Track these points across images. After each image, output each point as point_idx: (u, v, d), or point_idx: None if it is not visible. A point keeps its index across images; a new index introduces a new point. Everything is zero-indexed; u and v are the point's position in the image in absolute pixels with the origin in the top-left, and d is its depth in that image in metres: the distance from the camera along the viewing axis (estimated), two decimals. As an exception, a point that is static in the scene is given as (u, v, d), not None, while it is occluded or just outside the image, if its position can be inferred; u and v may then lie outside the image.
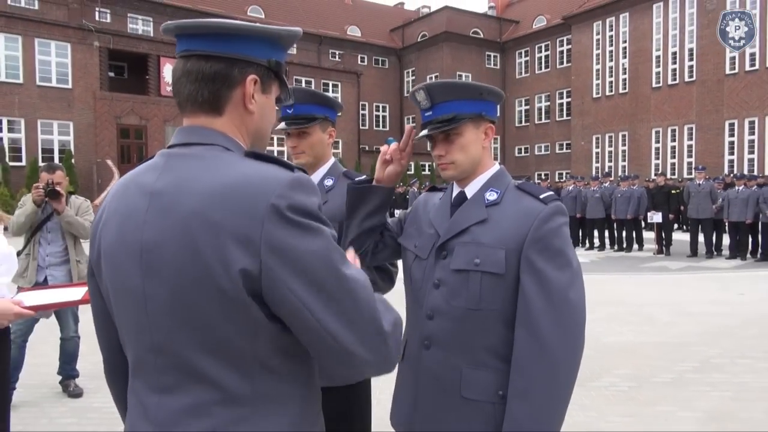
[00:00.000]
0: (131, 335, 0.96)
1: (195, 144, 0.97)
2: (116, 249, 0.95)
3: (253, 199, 0.86)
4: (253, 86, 0.99)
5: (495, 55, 37.78)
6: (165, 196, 0.91)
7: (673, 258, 11.89)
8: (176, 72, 0.99)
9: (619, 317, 6.47)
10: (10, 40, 22.43)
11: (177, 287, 0.88)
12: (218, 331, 0.88)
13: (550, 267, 1.36)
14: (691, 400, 3.95)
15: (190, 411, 0.90)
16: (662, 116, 27.83)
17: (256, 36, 0.98)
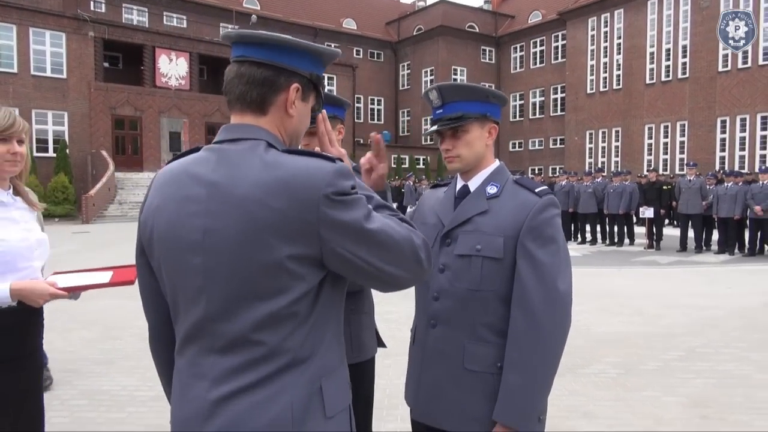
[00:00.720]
0: (188, 306, 1.11)
1: (242, 139, 1.11)
2: (175, 231, 1.10)
3: (309, 189, 1.04)
4: (295, 93, 1.16)
5: (490, 49, 37.91)
6: (223, 186, 1.06)
7: (663, 252, 12.11)
8: (230, 74, 1.15)
9: (610, 309, 6.66)
10: (5, 29, 22.34)
11: (237, 264, 1.04)
12: (267, 300, 1.05)
13: (543, 252, 1.53)
14: (676, 386, 4.14)
15: (240, 368, 1.07)
16: (655, 112, 28.10)
17: (302, 50, 1.15)
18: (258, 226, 1.03)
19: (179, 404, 1.14)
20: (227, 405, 1.06)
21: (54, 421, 3.44)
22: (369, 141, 1.57)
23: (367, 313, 2.13)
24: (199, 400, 1.09)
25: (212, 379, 1.08)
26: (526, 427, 1.51)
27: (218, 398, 1.07)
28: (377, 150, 1.57)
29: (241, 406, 1.06)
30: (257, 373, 1.07)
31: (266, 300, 1.05)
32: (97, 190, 20.62)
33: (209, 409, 1.07)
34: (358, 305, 2.08)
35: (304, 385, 1.09)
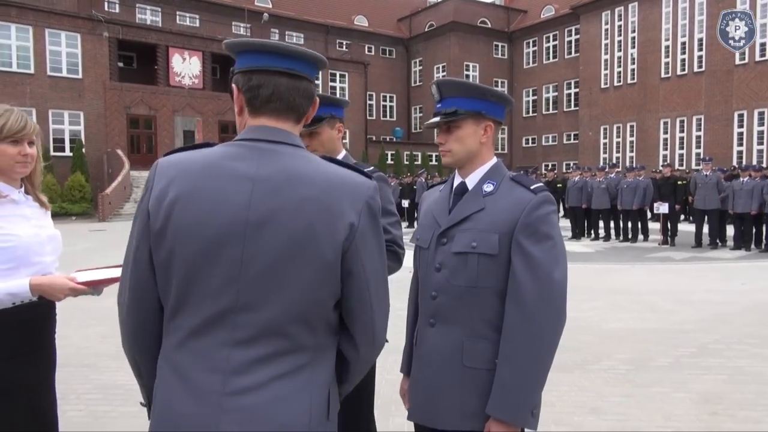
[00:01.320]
0: (205, 298, 1.11)
1: (282, 143, 1.19)
2: (207, 222, 1.10)
3: (356, 195, 1.17)
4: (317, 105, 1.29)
5: (503, 45, 37.69)
6: (272, 182, 1.12)
7: (678, 249, 11.99)
8: (280, 84, 1.21)
9: (621, 305, 6.63)
10: (22, 31, 22.66)
11: (283, 256, 1.10)
12: (306, 293, 1.12)
13: (537, 249, 1.55)
14: (686, 382, 4.12)
15: (261, 360, 1.10)
16: (671, 107, 27.77)
17: (318, 62, 1.26)
18: (312, 222, 1.11)
19: (181, 400, 1.11)
20: (246, 397, 1.08)
21: (69, 414, 3.52)
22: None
23: None
24: (211, 395, 1.09)
25: (229, 372, 1.09)
26: (519, 422, 1.53)
27: (236, 390, 1.08)
28: None
29: (261, 398, 1.08)
30: (280, 366, 1.11)
31: (301, 292, 1.11)
32: (113, 189, 20.88)
33: (225, 402, 1.08)
34: None
35: (321, 385, 1.15)
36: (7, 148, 1.85)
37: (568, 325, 1.61)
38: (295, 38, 34.10)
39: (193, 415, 1.10)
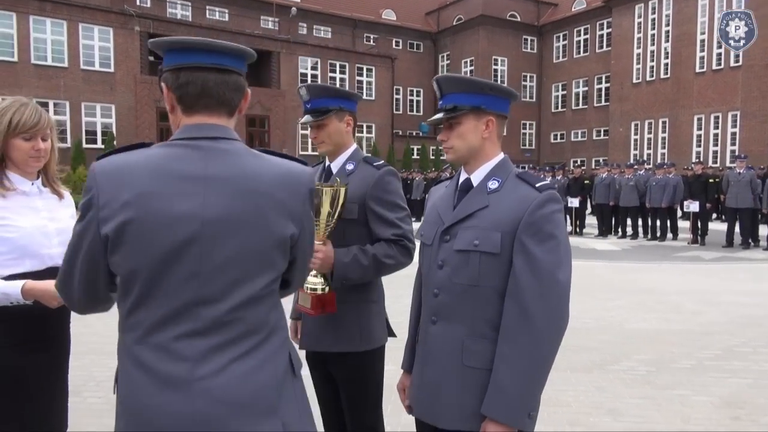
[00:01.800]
0: (167, 295, 1.16)
1: (222, 138, 1.23)
2: (166, 226, 1.14)
3: (299, 185, 1.27)
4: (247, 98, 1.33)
5: (532, 38, 37.15)
6: (223, 180, 1.18)
7: (708, 248, 11.69)
8: (209, 80, 1.23)
9: (645, 305, 6.49)
10: (56, 25, 23.22)
11: (239, 250, 1.18)
12: (261, 281, 1.21)
13: (540, 249, 1.51)
14: (709, 385, 4.01)
15: (223, 345, 1.17)
16: (705, 102, 27.01)
17: (248, 56, 1.30)
18: (265, 212, 1.20)
19: (150, 392, 1.15)
20: (215, 380, 1.15)
21: (90, 400, 3.60)
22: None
23: (376, 301, 2.15)
24: (180, 383, 1.14)
25: (194, 360, 1.15)
26: (515, 424, 1.50)
27: (204, 375, 1.15)
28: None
29: (228, 377, 1.16)
30: (240, 348, 1.19)
31: (255, 280, 1.20)
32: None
33: (196, 386, 1.14)
34: (366, 293, 2.10)
35: (281, 352, 1.26)
36: (21, 143, 1.89)
37: (590, 324, 1.58)
38: (323, 32, 34.19)
39: (164, 404, 1.14)
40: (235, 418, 1.16)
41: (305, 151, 29.18)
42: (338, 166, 2.14)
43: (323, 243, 1.95)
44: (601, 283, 7.71)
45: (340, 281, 1.97)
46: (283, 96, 28.54)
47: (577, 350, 4.72)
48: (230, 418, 1.16)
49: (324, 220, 1.92)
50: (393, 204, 2.06)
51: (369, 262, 1.98)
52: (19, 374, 1.83)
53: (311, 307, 1.97)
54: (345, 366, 2.09)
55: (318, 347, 2.12)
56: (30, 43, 22.66)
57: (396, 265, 2.04)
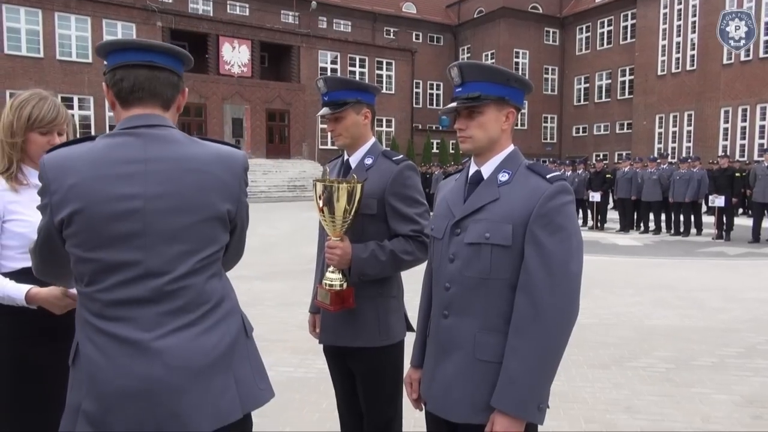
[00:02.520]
0: (120, 270, 1.28)
1: (159, 126, 1.36)
2: (108, 205, 1.27)
3: (236, 165, 1.41)
4: (184, 96, 1.48)
5: (554, 31, 36.65)
6: (161, 160, 1.31)
7: (733, 244, 11.43)
8: (141, 75, 1.36)
9: (666, 301, 6.38)
10: (81, 21, 23.61)
11: (181, 223, 1.30)
12: (203, 252, 1.34)
13: (551, 241, 1.49)
14: (730, 384, 3.92)
15: (176, 311, 1.31)
16: (733, 95, 26.38)
17: (183, 58, 1.44)
18: (205, 188, 1.33)
19: (113, 354, 1.28)
20: (166, 341, 1.29)
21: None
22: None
23: (395, 296, 2.14)
24: (139, 346, 1.28)
25: (150, 326, 1.29)
26: (525, 416, 1.48)
27: (160, 336, 1.29)
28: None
29: (179, 340, 1.30)
30: (190, 315, 1.33)
31: (199, 252, 1.33)
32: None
33: (154, 347, 1.28)
34: (385, 288, 2.09)
35: (231, 317, 1.41)
36: (37, 137, 1.91)
37: (609, 320, 1.56)
38: (342, 26, 34.16)
39: (123, 366, 1.27)
40: (189, 378, 1.29)
41: (325, 146, 29.26)
42: (357, 160, 2.13)
43: (341, 239, 1.95)
44: (621, 278, 7.60)
45: (357, 277, 1.97)
46: (303, 90, 28.63)
47: (594, 346, 4.66)
48: (183, 377, 1.29)
49: (340, 217, 1.91)
50: (412, 199, 2.05)
51: (386, 257, 1.98)
52: (31, 364, 1.86)
53: (330, 303, 1.97)
54: (364, 360, 2.09)
55: (337, 342, 2.12)
56: (55, 39, 23.10)
57: (414, 260, 2.04)
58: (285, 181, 25.81)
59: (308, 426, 3.25)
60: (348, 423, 2.28)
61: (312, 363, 4.17)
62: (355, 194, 1.89)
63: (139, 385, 1.27)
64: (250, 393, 1.40)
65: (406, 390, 1.88)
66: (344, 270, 1.98)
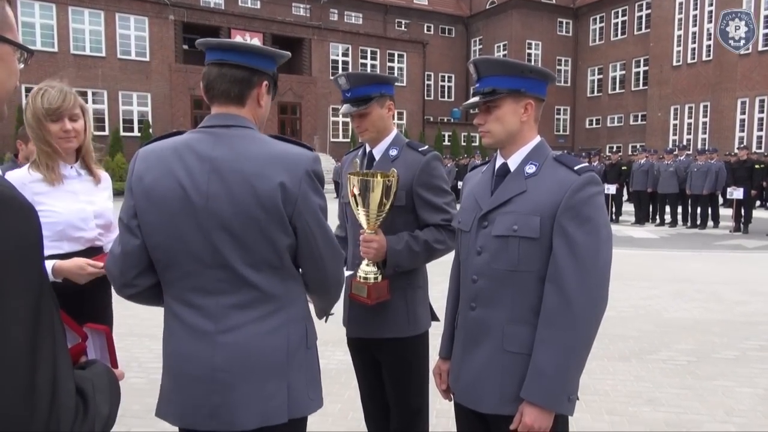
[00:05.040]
0: (186, 258, 1.38)
1: (233, 126, 1.41)
2: (178, 197, 1.36)
3: (296, 166, 1.39)
4: (265, 89, 1.48)
5: (567, 21, 36.27)
6: (225, 161, 1.36)
7: (751, 236, 11.30)
8: (212, 74, 1.45)
9: (685, 294, 6.33)
10: (94, 15, 23.72)
11: (237, 220, 1.34)
12: (261, 247, 1.36)
13: (580, 232, 1.48)
14: (753, 377, 3.89)
15: (240, 305, 1.38)
16: (750, 85, 25.97)
17: (267, 55, 1.47)
18: (257, 193, 1.34)
19: (184, 342, 1.40)
20: (232, 335, 1.36)
21: (132, 380, 3.71)
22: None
23: (421, 287, 2.15)
24: (206, 335, 1.37)
25: (216, 316, 1.38)
26: (555, 407, 1.49)
27: (224, 329, 1.37)
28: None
29: (245, 335, 1.37)
30: (257, 311, 1.38)
31: (254, 249, 1.36)
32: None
33: (218, 339, 1.36)
34: (413, 279, 2.10)
35: (296, 323, 1.44)
36: (50, 125, 1.92)
37: (627, 313, 1.56)
38: (354, 18, 34.05)
39: (193, 353, 1.38)
40: (249, 372, 1.37)
41: (336, 138, 29.27)
42: (381, 152, 2.13)
43: (375, 232, 1.96)
44: (638, 271, 7.54)
45: (393, 269, 1.97)
46: (314, 83, 28.61)
47: (613, 339, 4.64)
48: (244, 371, 1.36)
49: (375, 210, 1.91)
50: (440, 189, 2.06)
51: (420, 248, 1.99)
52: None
53: (367, 296, 1.97)
54: (391, 351, 2.10)
55: (366, 334, 2.13)
56: (69, 33, 23.24)
57: (445, 249, 2.05)
58: (297, 174, 25.90)
59: (330, 417, 3.27)
60: (373, 414, 2.29)
61: (331, 354, 4.19)
62: (392, 187, 1.89)
63: (201, 371, 1.37)
64: (300, 401, 1.44)
65: (435, 381, 1.89)
66: (379, 262, 1.98)
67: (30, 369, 0.74)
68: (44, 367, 0.75)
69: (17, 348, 0.73)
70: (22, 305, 0.74)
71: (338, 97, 19.70)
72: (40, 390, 0.74)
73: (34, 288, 0.76)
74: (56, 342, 0.79)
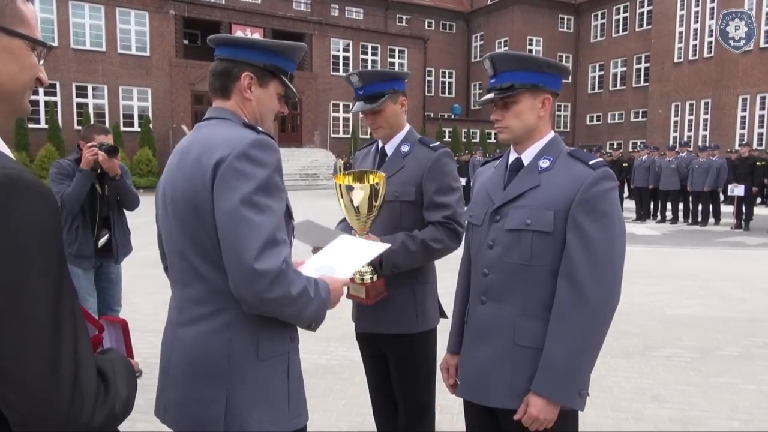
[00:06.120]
0: (168, 248, 1.45)
1: (213, 118, 1.44)
2: (162, 190, 1.44)
3: (227, 147, 1.29)
4: (248, 80, 1.44)
5: (569, 17, 36.15)
6: (183, 152, 1.39)
7: (753, 233, 11.29)
8: (210, 70, 1.49)
9: (688, 291, 6.32)
10: (94, 10, 23.61)
11: (184, 213, 1.33)
12: (204, 238, 1.31)
13: (594, 227, 1.48)
14: (758, 373, 3.89)
15: (194, 300, 1.36)
16: (751, 82, 25.90)
17: (250, 45, 1.44)
18: (194, 180, 1.31)
19: (165, 329, 1.47)
20: (184, 330, 1.37)
21: (135, 375, 3.69)
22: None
23: (431, 283, 2.14)
24: (171, 325, 1.43)
25: (177, 308, 1.42)
26: (567, 401, 1.48)
27: (180, 323, 1.39)
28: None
29: (192, 332, 1.35)
30: (205, 307, 1.34)
31: (196, 241, 1.32)
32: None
33: (176, 332, 1.39)
34: (421, 275, 2.09)
35: (243, 327, 1.32)
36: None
37: (630, 309, 1.55)
38: (355, 13, 33.95)
39: (163, 344, 1.44)
40: (191, 372, 1.34)
41: (336, 134, 29.22)
42: (393, 148, 2.12)
43: (366, 234, 1.95)
44: (640, 268, 7.53)
45: (390, 269, 1.95)
46: (315, 78, 28.53)
47: (617, 335, 4.63)
48: (187, 369, 1.34)
49: (365, 213, 1.90)
50: (447, 186, 2.04)
51: (417, 247, 1.97)
52: None
53: (365, 297, 1.96)
54: (400, 346, 2.09)
55: (375, 329, 2.12)
56: (69, 27, 23.14)
57: (444, 249, 2.02)
58: (297, 170, 25.79)
59: (335, 412, 3.26)
60: (381, 409, 2.28)
61: (334, 350, 4.18)
62: (380, 189, 1.88)
63: (163, 364, 1.42)
64: (241, 417, 1.31)
65: (442, 375, 1.88)
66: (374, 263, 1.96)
67: (53, 347, 0.77)
68: (67, 346, 0.78)
69: (41, 327, 0.76)
70: (44, 286, 0.77)
71: (339, 92, 19.78)
72: (63, 368, 0.77)
73: (55, 269, 0.79)
74: (77, 323, 0.81)
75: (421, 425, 2.13)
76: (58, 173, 3.48)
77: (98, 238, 3.62)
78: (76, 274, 3.51)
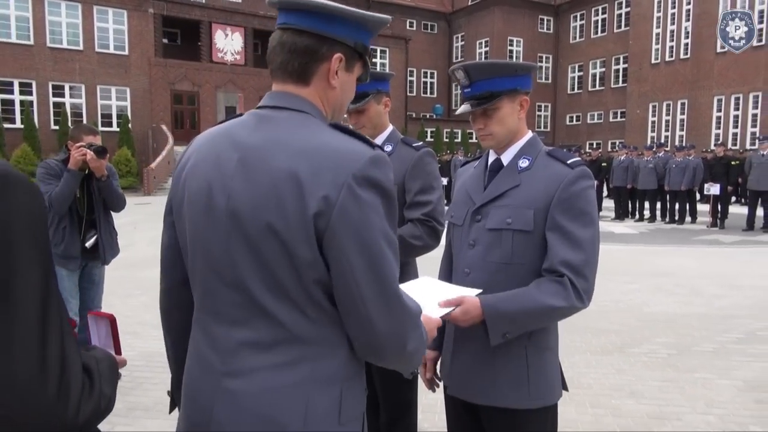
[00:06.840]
0: (207, 271, 1.07)
1: (285, 108, 1.08)
2: (203, 193, 1.07)
3: (339, 167, 0.99)
4: (338, 64, 1.10)
5: (548, 18, 36.51)
6: (255, 151, 1.03)
7: (728, 231, 11.53)
8: (273, 41, 1.12)
9: (665, 288, 6.43)
10: (71, 8, 23.23)
11: (253, 233, 1.00)
12: (283, 272, 1.00)
13: (574, 225, 1.51)
14: (732, 369, 3.98)
15: (253, 344, 1.03)
16: (726, 83, 26.42)
17: (346, 18, 1.09)
18: (281, 197, 0.98)
19: (195, 372, 1.11)
20: (238, 380, 1.03)
21: (114, 379, 3.66)
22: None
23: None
24: (212, 373, 1.06)
25: (225, 351, 1.05)
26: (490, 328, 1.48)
27: (231, 372, 1.04)
28: None
29: (253, 385, 1.02)
30: (275, 356, 1.02)
31: (278, 270, 1.00)
32: (157, 163, 21.40)
33: (223, 382, 1.04)
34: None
35: (325, 382, 1.04)
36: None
37: (608, 307, 1.58)
38: (336, 13, 33.88)
39: (198, 387, 1.09)
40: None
41: (319, 134, 29.14)
42: None
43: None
44: (618, 266, 7.65)
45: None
46: (296, 78, 28.41)
47: (596, 333, 4.70)
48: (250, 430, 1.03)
49: None
50: (428, 185, 2.06)
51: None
52: None
53: None
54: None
55: None
56: (45, 26, 22.74)
57: (423, 246, 2.02)
58: (279, 170, 25.74)
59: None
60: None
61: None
62: None
63: (199, 417, 1.08)
64: None
65: (419, 370, 1.89)
66: None
67: (41, 343, 0.76)
68: (53, 342, 0.78)
69: (29, 320, 0.76)
70: (33, 279, 0.77)
71: (321, 92, 19.70)
72: (50, 363, 0.77)
73: (43, 264, 0.79)
74: (62, 321, 0.81)
75: (403, 424, 2.15)
76: (46, 173, 3.45)
77: (85, 239, 3.59)
78: (61, 275, 3.46)
